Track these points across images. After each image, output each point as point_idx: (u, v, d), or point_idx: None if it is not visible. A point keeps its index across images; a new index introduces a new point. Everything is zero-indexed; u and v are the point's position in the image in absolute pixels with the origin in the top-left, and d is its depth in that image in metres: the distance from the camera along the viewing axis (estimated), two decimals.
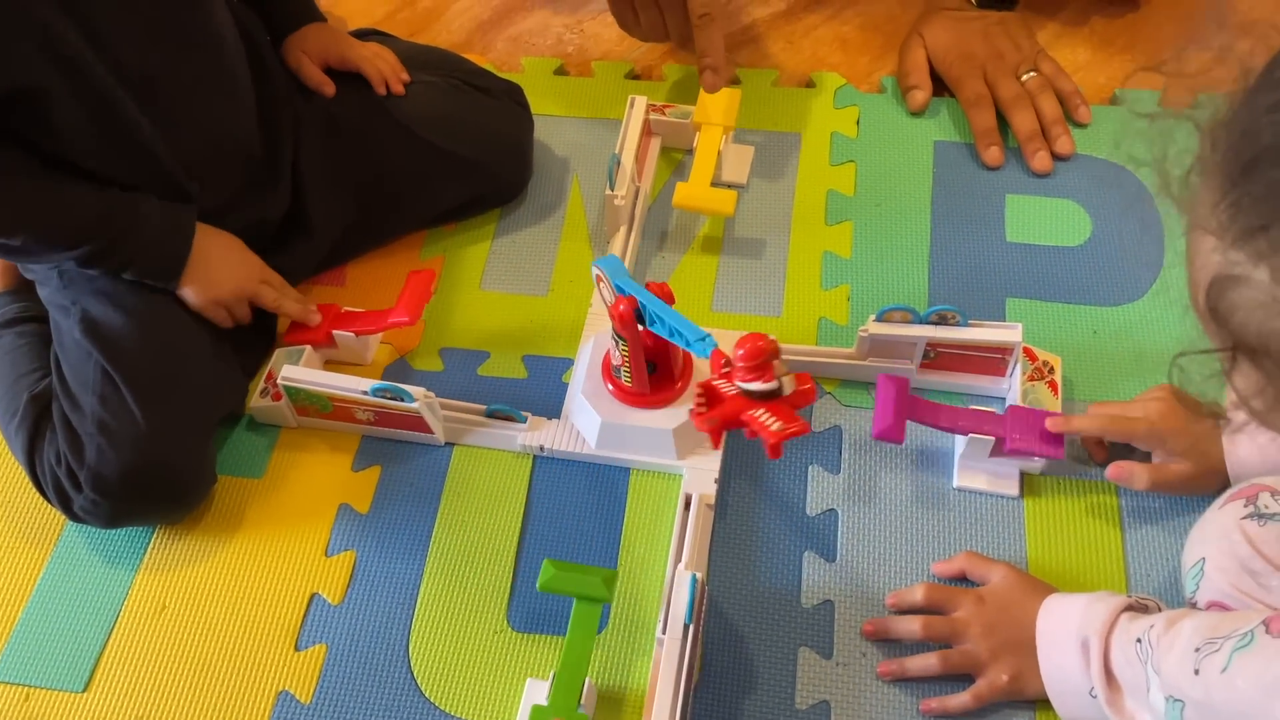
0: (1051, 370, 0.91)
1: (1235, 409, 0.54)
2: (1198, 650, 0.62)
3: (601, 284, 0.82)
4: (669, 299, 0.81)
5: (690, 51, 1.11)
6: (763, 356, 0.71)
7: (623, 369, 0.86)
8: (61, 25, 0.77)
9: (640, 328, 0.81)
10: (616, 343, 0.84)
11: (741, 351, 0.71)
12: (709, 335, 0.76)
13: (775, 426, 0.70)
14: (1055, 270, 1.01)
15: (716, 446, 0.86)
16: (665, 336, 0.79)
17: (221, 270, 0.91)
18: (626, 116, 1.06)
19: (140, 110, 0.84)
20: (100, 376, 0.85)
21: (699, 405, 0.75)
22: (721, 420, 0.73)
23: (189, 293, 0.90)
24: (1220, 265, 0.46)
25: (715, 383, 0.75)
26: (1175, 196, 0.48)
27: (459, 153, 1.03)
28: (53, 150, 0.83)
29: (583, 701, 0.73)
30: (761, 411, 0.71)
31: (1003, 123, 1.10)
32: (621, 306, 0.79)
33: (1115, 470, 0.82)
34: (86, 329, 0.86)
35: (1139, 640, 0.67)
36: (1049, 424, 0.83)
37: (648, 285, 0.82)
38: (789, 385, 0.72)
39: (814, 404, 0.93)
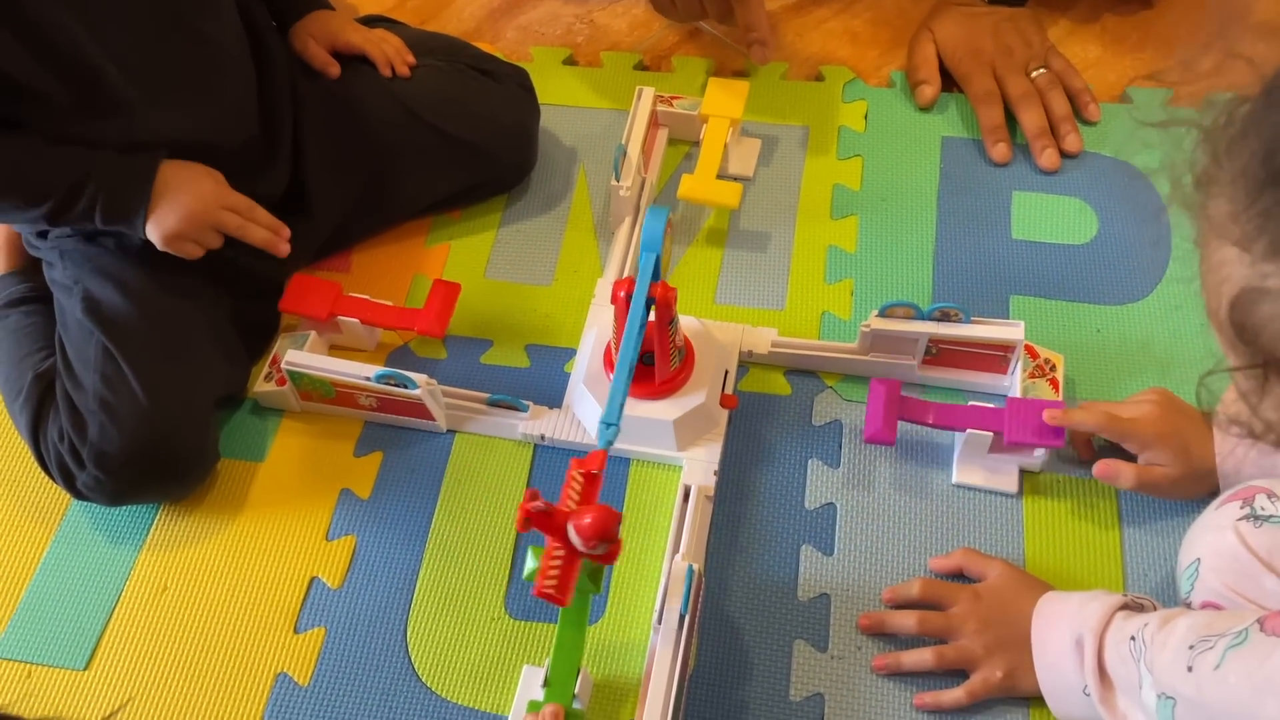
0: (1053, 368, 0.91)
1: (1229, 422, 0.53)
2: (1192, 648, 0.62)
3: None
4: (672, 298, 0.81)
5: (731, 26, 1.10)
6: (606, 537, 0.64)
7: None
8: (52, 6, 0.77)
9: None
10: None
11: (587, 521, 0.64)
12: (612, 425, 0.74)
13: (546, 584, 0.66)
14: (1060, 268, 1.00)
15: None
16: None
17: (178, 198, 0.87)
18: (634, 107, 1.06)
19: (128, 87, 0.84)
20: (102, 355, 0.85)
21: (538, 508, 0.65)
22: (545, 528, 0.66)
23: (150, 229, 0.86)
24: (1247, 278, 0.45)
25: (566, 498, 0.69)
26: (1186, 204, 0.47)
27: (463, 137, 1.03)
28: (39, 126, 0.83)
29: (578, 691, 0.74)
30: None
31: (1011, 119, 1.10)
32: (668, 294, 0.80)
33: (1102, 468, 0.82)
34: (88, 308, 0.87)
35: (1133, 638, 0.67)
36: (1046, 416, 0.83)
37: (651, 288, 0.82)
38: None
39: (815, 397, 0.94)
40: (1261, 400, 0.47)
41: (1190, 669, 0.61)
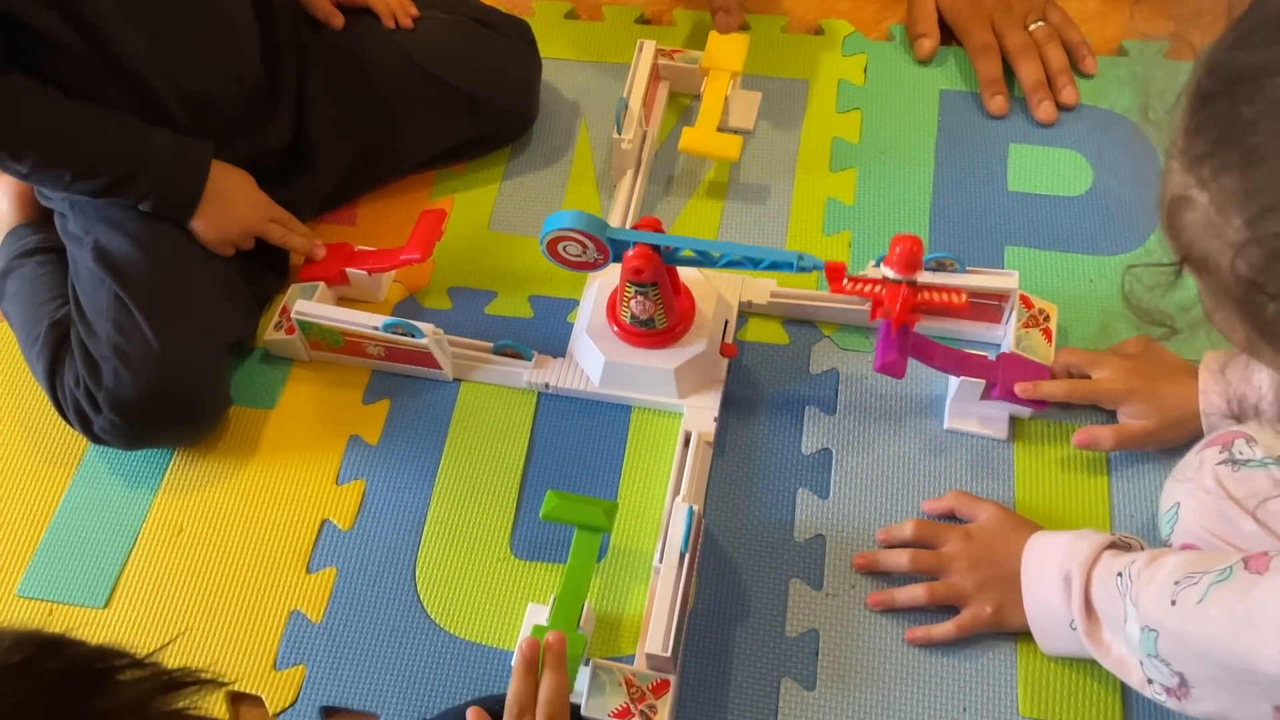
0: (1047, 318, 0.92)
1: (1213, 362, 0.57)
2: (1177, 584, 0.64)
3: (575, 247, 0.83)
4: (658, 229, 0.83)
5: None
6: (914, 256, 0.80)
7: (656, 317, 0.87)
8: None
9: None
10: (637, 295, 0.85)
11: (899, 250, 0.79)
12: (804, 255, 0.82)
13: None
14: (1055, 220, 1.02)
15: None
16: (756, 269, 0.84)
17: (232, 207, 0.93)
18: (635, 61, 1.07)
19: (134, 36, 0.85)
20: (114, 302, 0.87)
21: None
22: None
23: (199, 227, 0.92)
24: (1177, 187, 0.49)
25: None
26: (1153, 121, 0.51)
27: (465, 88, 1.04)
28: (49, 72, 0.84)
29: (582, 623, 0.77)
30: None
31: (1009, 72, 1.11)
32: (632, 261, 0.82)
33: (1081, 437, 0.85)
34: (99, 257, 0.89)
35: (1120, 575, 0.69)
36: (1018, 390, 0.85)
37: (641, 222, 0.84)
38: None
39: (813, 346, 0.96)
40: (1165, 294, 0.54)
41: (1174, 603, 0.64)
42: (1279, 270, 0.45)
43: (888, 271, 0.81)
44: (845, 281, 0.83)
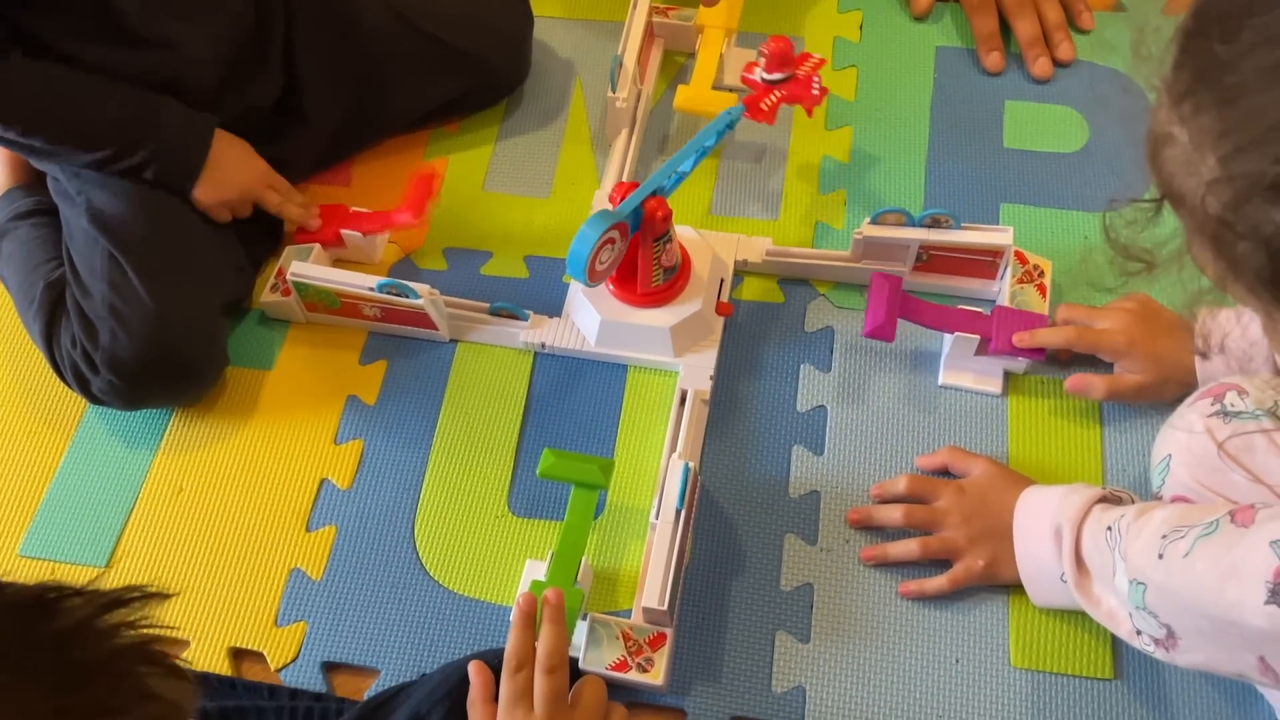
0: (1042, 274, 0.92)
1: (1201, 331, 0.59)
2: (1164, 537, 0.65)
3: (608, 250, 0.82)
4: (665, 214, 0.84)
5: None
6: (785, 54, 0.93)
7: (679, 260, 0.89)
8: None
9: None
10: (665, 248, 0.86)
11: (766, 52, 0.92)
12: (730, 110, 0.93)
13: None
14: (1050, 176, 1.02)
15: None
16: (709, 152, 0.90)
17: (231, 173, 0.93)
18: (629, 18, 1.07)
19: None
20: (108, 263, 0.87)
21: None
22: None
23: (199, 193, 0.92)
24: (1161, 123, 0.50)
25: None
26: (1145, 57, 0.52)
27: (457, 44, 1.03)
28: (46, 37, 0.84)
29: (579, 579, 0.77)
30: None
31: (1005, 28, 1.10)
32: (660, 212, 0.83)
33: (1073, 382, 0.85)
34: (93, 218, 0.89)
35: (1110, 528, 0.70)
36: (1016, 339, 0.85)
37: (617, 188, 0.85)
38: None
39: (808, 304, 0.96)
40: (1144, 230, 0.55)
41: (1161, 556, 0.64)
42: (1248, 210, 0.46)
43: (761, 74, 0.94)
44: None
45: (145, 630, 0.47)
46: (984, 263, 0.92)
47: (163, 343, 0.86)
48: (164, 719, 0.46)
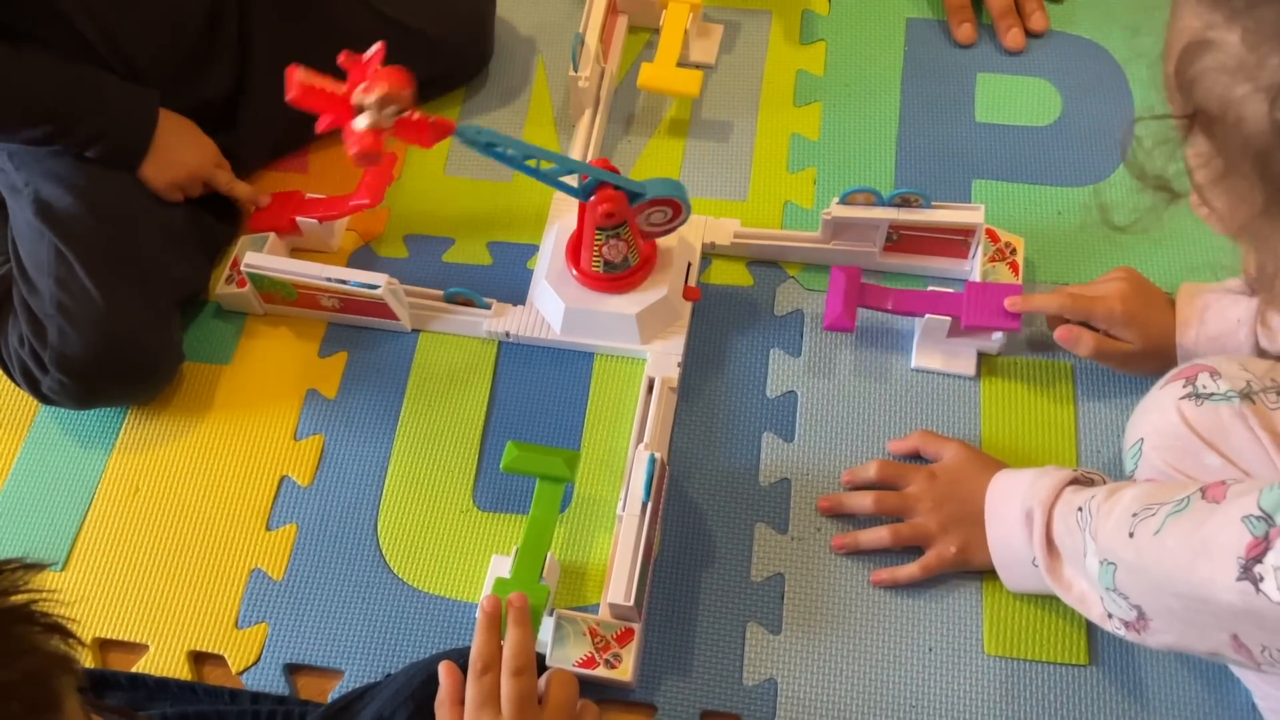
0: (1014, 251, 0.91)
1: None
2: (1135, 515, 0.64)
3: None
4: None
5: None
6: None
7: (629, 256, 0.86)
8: None
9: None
10: (609, 240, 0.84)
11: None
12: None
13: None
14: (1023, 151, 1.00)
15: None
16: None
17: (180, 152, 0.91)
18: None
19: None
20: (55, 258, 0.85)
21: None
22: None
23: (148, 172, 0.89)
24: (1196, 31, 0.45)
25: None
26: None
27: (418, 26, 1.00)
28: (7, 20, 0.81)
29: (544, 575, 0.76)
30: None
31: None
32: (602, 206, 0.80)
33: (1063, 332, 0.83)
34: (39, 210, 0.86)
35: (1080, 510, 0.69)
36: (1008, 303, 0.84)
37: (593, 165, 0.82)
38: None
39: (777, 287, 0.94)
40: (1172, 153, 0.50)
41: (1131, 535, 0.63)
42: None
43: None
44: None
45: (23, 593, 0.48)
46: (955, 242, 0.90)
47: (113, 340, 0.84)
48: (47, 670, 0.47)
